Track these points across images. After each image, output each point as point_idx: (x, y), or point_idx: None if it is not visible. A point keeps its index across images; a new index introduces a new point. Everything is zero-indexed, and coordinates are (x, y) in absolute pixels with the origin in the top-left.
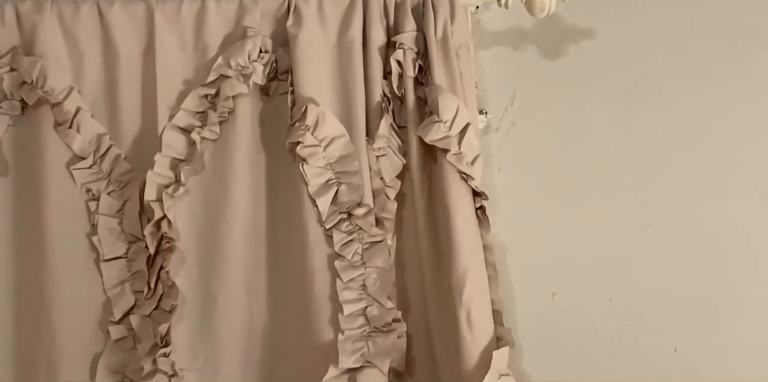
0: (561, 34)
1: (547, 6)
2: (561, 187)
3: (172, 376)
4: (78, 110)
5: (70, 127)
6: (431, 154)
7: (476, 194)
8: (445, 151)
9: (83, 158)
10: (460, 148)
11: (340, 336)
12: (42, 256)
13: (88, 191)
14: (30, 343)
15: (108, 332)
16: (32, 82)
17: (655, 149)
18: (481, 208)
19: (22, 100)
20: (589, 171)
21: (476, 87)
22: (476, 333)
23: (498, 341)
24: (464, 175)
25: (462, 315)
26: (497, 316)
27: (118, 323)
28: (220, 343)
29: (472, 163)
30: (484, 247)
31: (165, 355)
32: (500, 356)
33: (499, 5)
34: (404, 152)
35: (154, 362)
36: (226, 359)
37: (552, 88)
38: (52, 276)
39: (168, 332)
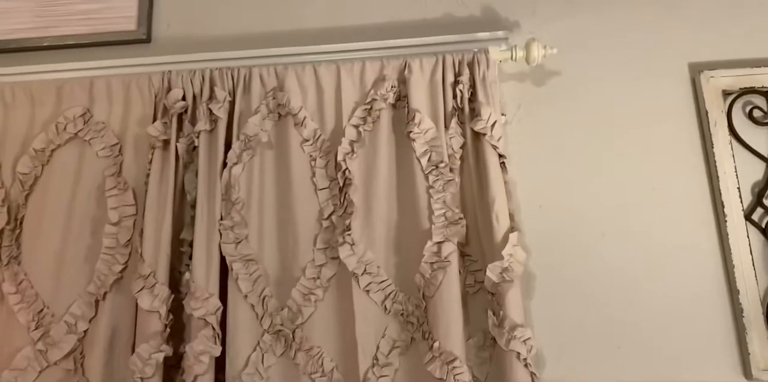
0: (544, 73)
1: (536, 60)
2: (549, 152)
3: (353, 245)
4: (304, 118)
5: (303, 125)
6: (477, 136)
7: (500, 155)
8: (484, 134)
9: (307, 140)
10: (492, 133)
11: (432, 226)
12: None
13: (313, 159)
14: None
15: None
16: (282, 104)
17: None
18: (503, 163)
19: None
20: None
21: (500, 101)
22: (501, 225)
23: (512, 229)
24: (494, 146)
25: (493, 216)
26: (511, 216)
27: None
28: (373, 235)
29: (498, 140)
30: (505, 182)
31: (349, 235)
32: (514, 236)
33: (512, 60)
34: (464, 136)
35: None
36: (377, 242)
37: (539, 101)
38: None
39: (350, 226)
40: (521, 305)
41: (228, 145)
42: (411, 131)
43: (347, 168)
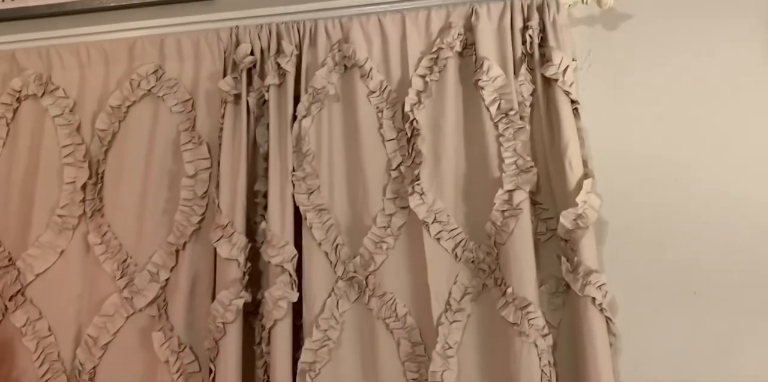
0: (616, 17)
1: (608, 3)
2: (621, 98)
3: (422, 195)
4: (370, 70)
5: (369, 77)
6: (548, 82)
7: (572, 101)
8: (556, 80)
9: (374, 91)
10: (564, 78)
11: (503, 174)
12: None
13: (380, 111)
14: None
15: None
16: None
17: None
18: (575, 108)
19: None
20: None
21: (570, 46)
22: (574, 172)
23: (585, 176)
24: (566, 92)
25: (566, 162)
26: (585, 163)
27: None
28: (442, 184)
29: (570, 85)
30: (577, 128)
31: (418, 185)
32: (588, 183)
33: (583, 3)
34: (534, 82)
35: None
36: (446, 191)
37: (611, 46)
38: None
39: (418, 176)
40: (595, 251)
41: (297, 99)
42: (479, 79)
43: (414, 118)
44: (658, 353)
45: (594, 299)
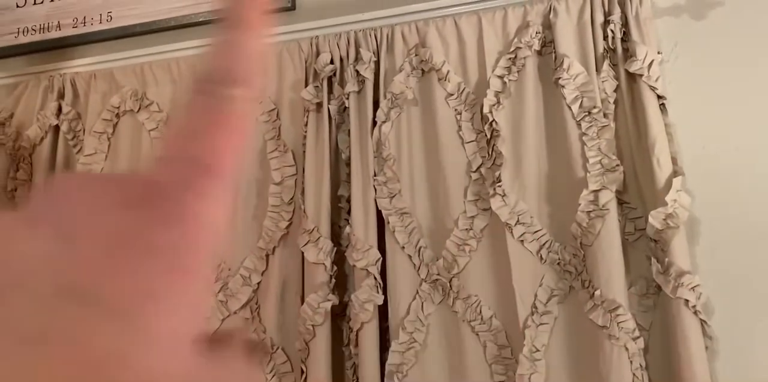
0: (703, 5)
1: None
2: (710, 91)
3: (504, 196)
4: (448, 72)
5: (446, 80)
6: (632, 78)
7: (659, 96)
8: (641, 75)
9: (452, 94)
10: (649, 73)
11: (588, 174)
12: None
13: (458, 113)
14: None
15: None
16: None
17: None
18: (662, 104)
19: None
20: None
21: (655, 39)
22: (663, 169)
23: (675, 174)
24: (652, 87)
25: (654, 160)
26: (674, 160)
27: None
28: (525, 185)
29: (656, 80)
30: (665, 124)
31: (500, 186)
32: (678, 181)
33: None
34: (617, 78)
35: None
36: (528, 192)
37: (698, 36)
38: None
39: (500, 177)
40: (687, 251)
41: (376, 104)
42: (560, 77)
43: (494, 120)
44: (759, 355)
45: (687, 301)
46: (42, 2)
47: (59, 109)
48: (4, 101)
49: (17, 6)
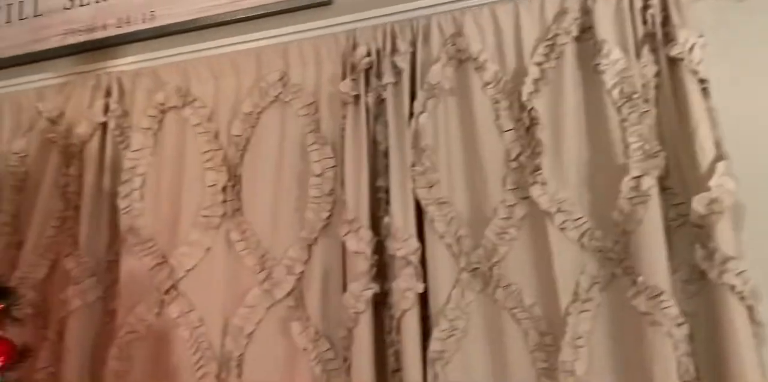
0: None
1: None
2: (754, 73)
3: (544, 184)
4: (485, 61)
5: (483, 69)
6: (673, 62)
7: (701, 80)
8: (682, 59)
9: (489, 83)
10: (690, 57)
11: (629, 160)
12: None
13: (496, 102)
14: None
15: None
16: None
17: None
18: (704, 88)
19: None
20: None
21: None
22: (706, 154)
23: (718, 158)
24: (694, 71)
25: (697, 145)
26: (717, 144)
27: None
28: (564, 173)
29: (698, 64)
30: (707, 108)
31: (539, 174)
32: (722, 165)
33: None
34: (657, 63)
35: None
36: (568, 180)
37: (741, 17)
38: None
39: (539, 165)
40: (732, 236)
41: (413, 96)
42: (599, 64)
43: (532, 107)
44: None
45: (733, 286)
46: (88, 3)
47: (106, 107)
48: (55, 100)
49: (65, 8)
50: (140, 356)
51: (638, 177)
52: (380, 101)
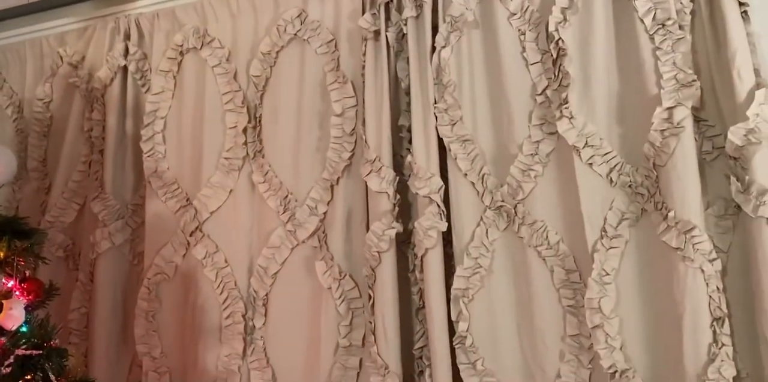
0: None
1: None
2: None
3: (571, 119)
4: None
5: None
6: None
7: (741, 3)
8: None
9: (515, 13)
10: None
11: (661, 90)
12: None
13: (522, 34)
14: None
15: None
16: None
17: None
18: (744, 11)
19: None
20: None
21: None
22: (744, 82)
23: (758, 86)
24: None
25: (735, 72)
26: (756, 71)
27: None
28: (593, 106)
29: None
30: (747, 34)
31: (567, 108)
32: (761, 94)
33: None
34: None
35: None
36: (597, 113)
37: None
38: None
39: (567, 99)
40: None
41: (435, 29)
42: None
43: (560, 38)
44: None
45: None
46: None
47: (126, 50)
48: (76, 44)
49: None
50: (168, 297)
51: (671, 108)
52: (401, 37)
